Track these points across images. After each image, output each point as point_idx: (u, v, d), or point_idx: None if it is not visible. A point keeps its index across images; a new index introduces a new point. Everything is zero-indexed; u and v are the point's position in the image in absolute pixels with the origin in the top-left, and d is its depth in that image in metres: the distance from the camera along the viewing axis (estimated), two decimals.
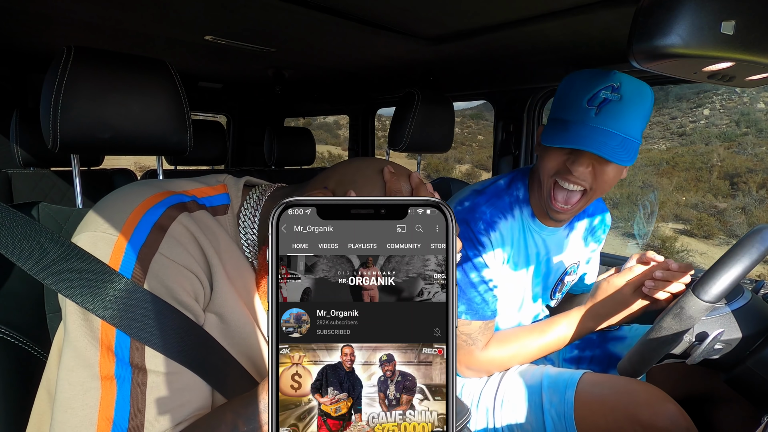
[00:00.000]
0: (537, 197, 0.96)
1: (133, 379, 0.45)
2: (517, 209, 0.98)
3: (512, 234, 0.97)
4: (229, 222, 0.58)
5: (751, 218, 16.47)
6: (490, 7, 0.85)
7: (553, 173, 0.89)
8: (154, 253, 0.47)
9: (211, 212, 0.56)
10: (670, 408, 0.82)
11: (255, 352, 0.57)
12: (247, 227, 0.58)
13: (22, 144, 1.62)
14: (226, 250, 0.54)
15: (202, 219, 0.53)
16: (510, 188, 0.99)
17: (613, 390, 0.87)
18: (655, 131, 34.76)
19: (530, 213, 0.99)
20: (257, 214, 0.59)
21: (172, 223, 0.49)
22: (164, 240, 0.48)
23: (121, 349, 0.45)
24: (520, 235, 0.98)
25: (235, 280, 0.55)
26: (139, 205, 0.49)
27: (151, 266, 0.47)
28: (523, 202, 0.99)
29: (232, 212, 0.59)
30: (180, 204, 0.52)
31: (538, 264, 1.03)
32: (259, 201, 0.60)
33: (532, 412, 0.93)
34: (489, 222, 0.94)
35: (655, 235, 16.00)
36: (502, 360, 0.97)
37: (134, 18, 0.97)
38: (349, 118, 2.57)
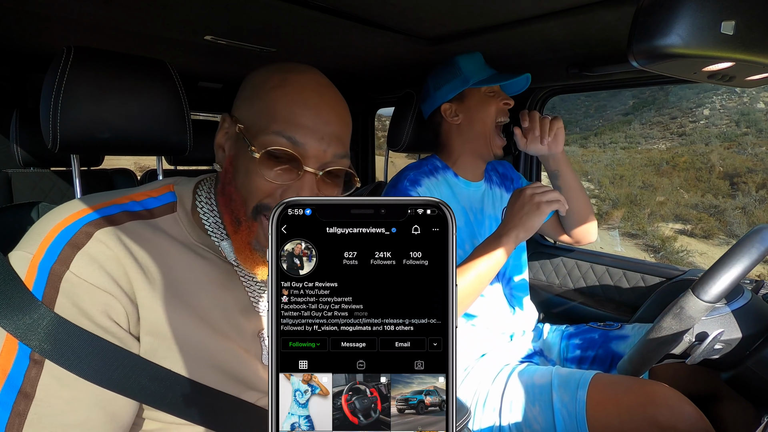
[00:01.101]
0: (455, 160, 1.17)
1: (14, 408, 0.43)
2: (439, 173, 1.15)
3: (439, 189, 1.11)
4: (178, 220, 0.56)
5: (752, 218, 16.47)
6: (490, 7, 0.85)
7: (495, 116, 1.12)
8: (65, 272, 0.45)
9: (148, 215, 0.54)
10: (688, 410, 0.81)
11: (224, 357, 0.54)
12: (206, 212, 0.58)
13: (22, 144, 1.62)
14: (170, 255, 0.53)
15: (133, 230, 0.51)
16: (426, 162, 1.18)
17: (628, 390, 0.86)
18: (655, 131, 34.78)
19: (453, 174, 1.17)
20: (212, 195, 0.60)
21: (89, 240, 0.47)
22: (76, 258, 0.46)
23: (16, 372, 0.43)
24: (448, 192, 1.13)
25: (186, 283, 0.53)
26: (57, 223, 0.48)
27: (62, 286, 0.45)
28: (442, 168, 1.17)
29: (182, 208, 0.58)
30: (102, 219, 0.50)
31: (475, 215, 1.16)
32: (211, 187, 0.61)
33: (541, 411, 0.92)
34: (413, 180, 1.10)
35: (655, 235, 15.99)
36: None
37: (134, 18, 0.97)
38: None
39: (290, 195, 0.53)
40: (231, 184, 0.55)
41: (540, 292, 1.64)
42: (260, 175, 0.53)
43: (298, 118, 0.53)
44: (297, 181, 0.53)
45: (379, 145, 3.31)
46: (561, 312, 1.57)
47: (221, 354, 0.54)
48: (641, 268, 1.41)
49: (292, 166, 0.53)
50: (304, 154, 0.53)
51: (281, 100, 0.54)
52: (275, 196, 0.54)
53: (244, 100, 0.58)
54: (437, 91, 1.17)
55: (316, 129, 0.53)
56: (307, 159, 0.53)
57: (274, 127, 0.52)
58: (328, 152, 0.54)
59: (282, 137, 0.52)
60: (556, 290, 1.61)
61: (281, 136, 0.52)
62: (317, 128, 0.53)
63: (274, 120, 0.53)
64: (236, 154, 0.56)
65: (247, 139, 0.54)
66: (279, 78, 0.55)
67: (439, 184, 1.12)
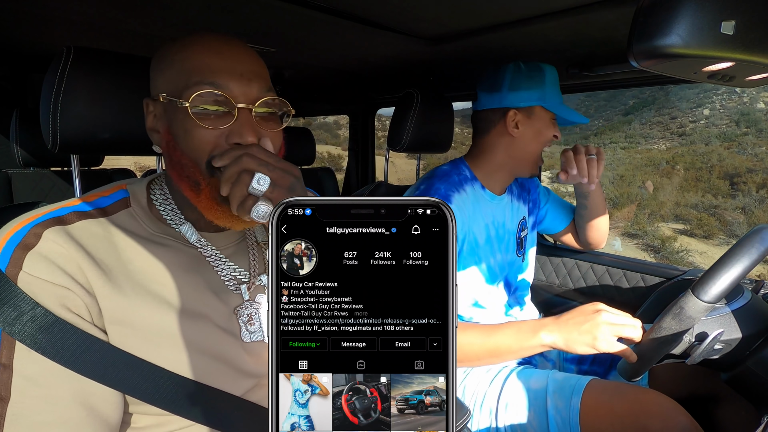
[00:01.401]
0: (489, 171, 1.12)
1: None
2: (468, 185, 1.09)
3: (466, 206, 1.06)
4: (133, 214, 0.57)
5: (752, 218, 16.47)
6: (490, 7, 0.85)
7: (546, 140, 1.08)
8: (18, 273, 0.47)
9: (100, 214, 0.55)
10: (682, 420, 0.80)
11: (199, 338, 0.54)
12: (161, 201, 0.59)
13: (22, 144, 1.62)
14: (126, 248, 0.54)
15: (83, 227, 0.52)
16: (454, 170, 1.11)
17: (622, 398, 0.85)
18: (655, 131, 34.77)
19: (480, 186, 1.11)
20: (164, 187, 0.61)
21: (38, 240, 0.48)
22: (27, 258, 0.47)
23: None
24: (474, 207, 1.08)
25: (147, 272, 0.54)
26: (8, 231, 0.49)
27: (18, 286, 0.46)
28: (470, 179, 1.11)
29: (137, 203, 0.58)
30: (50, 220, 0.51)
31: (497, 230, 1.12)
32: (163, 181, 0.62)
33: (535, 416, 0.92)
34: (443, 196, 1.04)
35: (655, 235, 15.99)
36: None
37: (134, 18, 0.97)
38: (349, 118, 2.57)
39: (234, 139, 0.54)
40: (176, 151, 0.56)
41: (540, 292, 1.65)
42: (198, 126, 0.53)
43: (213, 64, 0.54)
44: (235, 122, 0.54)
45: (379, 145, 3.31)
46: (561, 312, 1.57)
47: (196, 335, 0.55)
48: (641, 268, 1.41)
49: (224, 110, 0.54)
50: (230, 95, 0.54)
51: (191, 57, 0.55)
52: (221, 145, 0.54)
53: (157, 76, 0.58)
54: (513, 91, 1.06)
55: (233, 69, 0.55)
56: (235, 98, 0.54)
57: (194, 80, 0.53)
58: (252, 87, 0.55)
59: (204, 85, 0.53)
60: (556, 290, 1.61)
61: (203, 84, 0.53)
62: (234, 68, 0.55)
63: (190, 74, 0.54)
64: (170, 121, 0.56)
65: (173, 99, 0.54)
66: (180, 43, 0.56)
67: (467, 199, 1.07)
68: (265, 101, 0.56)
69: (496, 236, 1.13)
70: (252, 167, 0.50)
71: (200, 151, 0.54)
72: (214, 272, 0.60)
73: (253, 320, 0.61)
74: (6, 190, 1.75)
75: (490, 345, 0.89)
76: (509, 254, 1.18)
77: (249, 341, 0.60)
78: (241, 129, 0.54)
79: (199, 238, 0.59)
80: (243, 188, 0.50)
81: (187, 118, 0.53)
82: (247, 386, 0.59)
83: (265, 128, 0.57)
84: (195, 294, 0.56)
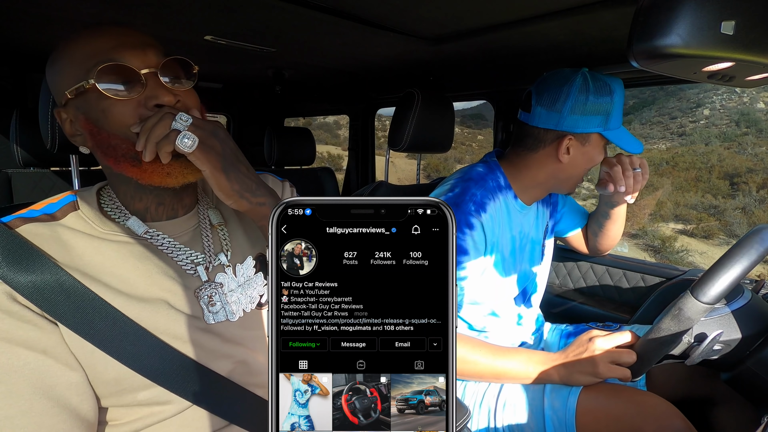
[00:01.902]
0: (526, 186, 1.07)
1: None
2: (501, 193, 1.05)
3: (499, 215, 1.03)
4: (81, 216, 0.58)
5: (752, 218, 16.47)
6: (490, 7, 0.85)
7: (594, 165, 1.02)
8: None
9: (48, 219, 0.56)
10: (677, 423, 0.80)
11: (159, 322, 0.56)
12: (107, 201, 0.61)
13: (22, 144, 1.61)
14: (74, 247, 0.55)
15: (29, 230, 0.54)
16: (490, 175, 1.06)
17: (618, 400, 0.86)
18: (655, 131, 34.76)
19: (513, 195, 1.07)
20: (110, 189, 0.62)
21: None
22: None
23: None
24: (505, 217, 1.05)
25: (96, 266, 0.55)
26: None
27: None
28: (504, 188, 1.06)
29: (86, 205, 0.60)
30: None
31: (521, 240, 1.11)
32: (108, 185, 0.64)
33: (533, 416, 0.92)
34: (479, 203, 0.98)
35: (655, 235, 15.99)
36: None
37: (134, 18, 0.97)
38: (349, 118, 2.57)
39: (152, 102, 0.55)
40: (103, 135, 0.56)
41: None
42: (114, 101, 0.54)
43: (103, 45, 0.55)
44: (147, 88, 0.55)
45: (379, 145, 3.31)
46: (561, 312, 1.57)
47: (157, 321, 0.56)
48: (641, 268, 1.41)
49: (132, 81, 0.55)
50: (131, 65, 0.55)
51: (80, 48, 0.56)
52: (142, 113, 0.55)
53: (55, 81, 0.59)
54: (574, 114, 0.95)
55: (125, 43, 0.56)
56: (137, 68, 0.55)
57: (92, 63, 0.54)
58: (149, 55, 0.57)
59: (102, 63, 0.53)
60: (556, 290, 1.61)
61: (100, 63, 0.54)
62: (124, 41, 0.56)
63: (86, 61, 0.54)
64: (85, 113, 0.57)
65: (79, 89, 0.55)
66: (64, 44, 0.57)
67: (500, 209, 1.03)
68: (166, 64, 0.57)
69: (520, 247, 1.10)
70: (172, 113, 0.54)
71: (125, 125, 0.55)
72: (169, 258, 0.61)
73: (214, 301, 0.61)
74: (6, 190, 1.75)
75: (497, 368, 0.93)
76: (534, 264, 1.16)
77: (213, 323, 0.60)
78: (156, 92, 0.55)
79: (147, 230, 0.60)
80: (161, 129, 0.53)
81: (100, 100, 0.54)
82: (222, 368, 0.60)
83: (184, 95, 0.59)
84: (149, 281, 0.57)
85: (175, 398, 0.56)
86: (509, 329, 1.13)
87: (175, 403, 0.56)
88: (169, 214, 0.64)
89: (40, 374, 0.48)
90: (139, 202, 0.61)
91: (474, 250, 0.96)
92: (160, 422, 0.56)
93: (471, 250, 0.96)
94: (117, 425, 0.56)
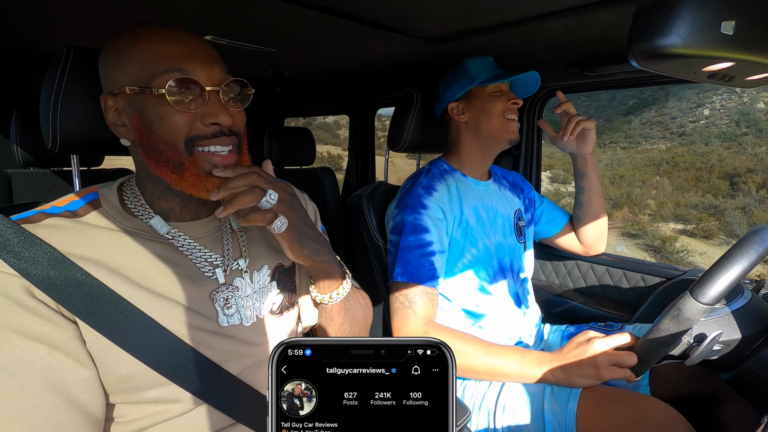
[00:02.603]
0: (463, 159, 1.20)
1: None
2: (449, 175, 1.17)
3: (450, 192, 1.12)
4: (105, 213, 0.59)
5: (752, 218, 16.47)
6: (490, 7, 0.85)
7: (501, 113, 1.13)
8: None
9: (71, 215, 0.57)
10: (680, 429, 0.78)
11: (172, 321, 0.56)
12: (131, 198, 0.62)
13: (22, 144, 1.62)
14: (95, 239, 0.56)
15: (50, 224, 0.55)
16: (434, 167, 1.20)
17: (619, 405, 0.84)
18: (655, 131, 34.79)
19: (461, 174, 1.19)
20: (134, 185, 0.63)
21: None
22: None
23: None
24: (460, 192, 1.14)
25: (118, 258, 0.56)
26: None
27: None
28: (449, 170, 1.19)
29: (108, 203, 0.60)
30: (18, 220, 0.54)
31: (488, 213, 1.17)
32: (132, 179, 0.64)
33: (533, 419, 0.92)
34: (428, 186, 1.11)
35: (655, 235, 15.99)
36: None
37: (134, 18, 0.97)
38: (349, 118, 2.57)
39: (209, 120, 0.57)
40: (152, 138, 0.57)
41: (540, 292, 1.64)
42: (174, 110, 0.55)
43: (173, 52, 0.56)
44: (207, 104, 0.57)
45: (379, 145, 3.31)
46: (561, 312, 1.57)
47: (170, 319, 0.56)
48: (641, 268, 1.41)
49: (196, 93, 0.56)
50: (198, 79, 0.56)
51: (149, 48, 0.56)
52: (196, 127, 0.57)
53: (114, 71, 0.59)
54: (446, 91, 1.20)
55: (194, 55, 0.57)
56: (202, 82, 0.56)
57: (160, 69, 0.55)
58: (215, 70, 0.58)
59: (172, 72, 0.55)
60: (556, 290, 1.61)
61: (170, 71, 0.55)
62: (194, 54, 0.57)
63: (155, 64, 0.55)
64: (140, 112, 0.57)
65: (144, 88, 0.55)
66: (130, 37, 0.57)
67: (451, 185, 1.14)
68: (229, 84, 0.59)
69: (488, 219, 1.17)
70: (262, 184, 0.57)
71: (178, 133, 0.56)
72: (188, 260, 0.61)
73: (230, 304, 0.62)
74: (6, 190, 1.75)
75: (490, 363, 0.95)
76: (509, 238, 1.20)
77: (226, 325, 0.61)
78: (215, 110, 0.57)
79: (169, 230, 0.61)
80: (250, 200, 0.56)
81: (160, 105, 0.55)
82: (231, 370, 0.60)
83: (233, 108, 0.60)
84: (167, 279, 0.58)
85: (182, 397, 0.56)
86: (507, 312, 1.13)
87: (182, 402, 0.56)
88: (192, 216, 0.64)
89: (52, 369, 0.48)
90: (165, 202, 0.62)
91: (433, 225, 1.06)
92: (166, 421, 0.56)
93: (431, 227, 1.05)
94: (123, 422, 0.56)
